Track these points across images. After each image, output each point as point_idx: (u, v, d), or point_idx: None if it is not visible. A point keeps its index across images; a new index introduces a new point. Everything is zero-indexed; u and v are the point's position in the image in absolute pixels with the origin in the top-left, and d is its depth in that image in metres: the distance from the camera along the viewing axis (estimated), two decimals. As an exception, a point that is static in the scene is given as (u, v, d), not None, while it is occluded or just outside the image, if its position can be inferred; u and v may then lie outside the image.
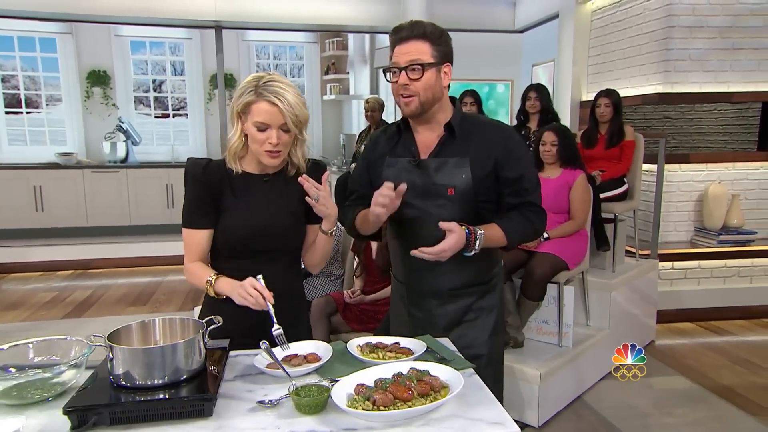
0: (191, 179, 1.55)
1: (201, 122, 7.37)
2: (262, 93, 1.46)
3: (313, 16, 6.23)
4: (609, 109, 3.86)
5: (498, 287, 1.77)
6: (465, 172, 1.60)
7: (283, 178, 1.60)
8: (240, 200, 1.53)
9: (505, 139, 1.65)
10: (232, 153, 1.53)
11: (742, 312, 4.44)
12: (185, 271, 1.58)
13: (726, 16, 4.28)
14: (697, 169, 4.46)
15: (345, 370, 1.33)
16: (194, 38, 7.09)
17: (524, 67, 6.76)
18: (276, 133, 1.46)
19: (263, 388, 1.26)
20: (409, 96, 1.58)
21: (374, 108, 5.22)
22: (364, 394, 1.15)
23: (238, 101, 1.49)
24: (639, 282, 3.84)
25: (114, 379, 1.16)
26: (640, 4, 4.58)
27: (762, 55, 4.37)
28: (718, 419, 2.97)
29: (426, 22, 1.60)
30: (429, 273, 1.68)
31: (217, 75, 6.43)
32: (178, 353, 1.15)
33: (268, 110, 1.45)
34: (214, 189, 1.52)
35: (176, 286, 5.66)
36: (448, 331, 1.69)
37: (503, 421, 1.10)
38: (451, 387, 1.19)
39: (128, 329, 1.28)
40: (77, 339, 1.27)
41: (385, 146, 1.73)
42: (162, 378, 1.15)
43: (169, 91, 7.38)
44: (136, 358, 1.13)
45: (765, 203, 4.56)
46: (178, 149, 7.27)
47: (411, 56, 1.56)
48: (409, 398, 1.13)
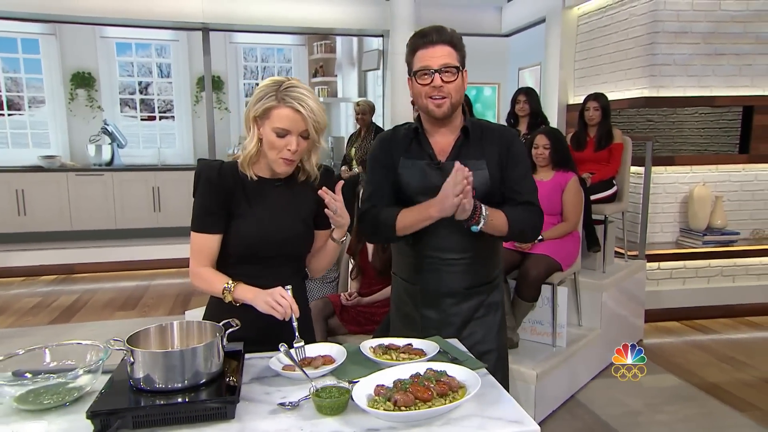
0: (205, 182, 1.51)
1: (188, 125, 7.31)
2: (284, 98, 1.44)
3: (301, 19, 6.23)
4: (598, 113, 3.94)
5: (500, 285, 1.83)
6: (483, 174, 1.65)
7: (293, 183, 1.59)
8: (253, 206, 1.52)
9: (509, 140, 1.72)
10: (247, 158, 1.51)
11: (726, 311, 4.55)
12: (193, 276, 1.53)
13: (708, 23, 4.39)
14: (682, 171, 4.56)
15: (361, 372, 1.34)
16: (181, 40, 7.04)
17: (511, 70, 6.84)
18: (296, 140, 1.45)
19: (280, 390, 1.27)
20: (442, 98, 1.61)
21: (365, 111, 5.24)
22: (385, 394, 1.16)
23: (257, 106, 1.47)
24: (628, 282, 3.91)
25: (134, 383, 1.15)
26: (625, 9, 4.67)
27: (743, 61, 4.49)
28: (708, 416, 3.03)
29: (447, 27, 1.65)
30: (445, 273, 1.70)
31: (205, 77, 6.38)
32: (199, 357, 1.16)
33: (290, 116, 1.44)
34: (228, 193, 1.50)
35: (164, 289, 5.61)
36: (461, 329, 1.72)
37: (521, 419, 1.12)
38: (468, 386, 1.21)
39: (146, 332, 1.28)
40: (93, 343, 1.26)
41: (398, 147, 1.74)
42: (182, 381, 1.15)
43: (155, 93, 7.31)
44: (158, 361, 1.13)
45: (746, 204, 4.68)
46: (165, 152, 7.20)
47: (444, 59, 1.60)
48: (429, 398, 1.15)
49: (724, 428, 2.91)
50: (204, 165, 1.53)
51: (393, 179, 1.73)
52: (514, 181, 1.68)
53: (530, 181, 1.72)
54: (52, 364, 1.24)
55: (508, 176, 1.68)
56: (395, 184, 1.72)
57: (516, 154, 1.70)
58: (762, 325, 4.45)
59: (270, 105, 1.45)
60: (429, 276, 1.73)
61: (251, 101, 1.49)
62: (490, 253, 1.76)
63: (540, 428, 1.09)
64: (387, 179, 1.73)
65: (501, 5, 6.71)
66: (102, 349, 1.24)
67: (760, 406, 3.15)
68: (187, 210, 1.59)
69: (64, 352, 1.26)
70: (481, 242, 1.69)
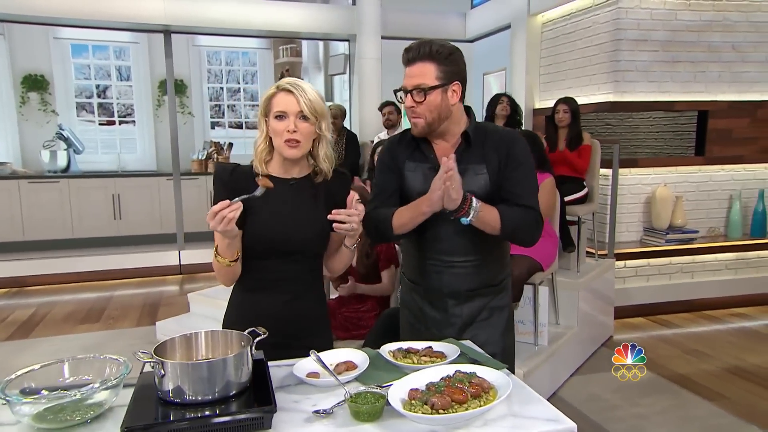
0: (218, 182, 1.57)
1: (149, 130, 7.09)
2: (279, 85, 1.54)
3: (267, 22, 6.15)
4: (567, 115, 4.09)
5: (508, 287, 1.83)
6: (483, 178, 1.66)
7: (309, 183, 1.62)
8: (265, 203, 1.53)
9: (510, 143, 1.70)
10: (258, 156, 1.58)
11: (686, 305, 4.76)
12: (216, 276, 1.60)
13: (666, 31, 4.60)
14: (644, 173, 4.75)
15: (385, 376, 1.34)
16: (141, 42, 6.83)
17: (475, 75, 6.96)
18: (293, 121, 1.50)
19: (309, 398, 1.25)
20: (415, 117, 1.66)
21: (336, 115, 5.22)
22: (421, 398, 1.16)
23: (262, 103, 1.56)
24: (599, 281, 4.04)
25: (162, 395, 1.11)
26: (589, 17, 4.84)
27: (697, 68, 4.72)
28: (681, 407, 3.17)
29: (435, 41, 1.64)
30: (447, 275, 1.72)
31: (167, 81, 6.20)
32: (230, 367, 1.13)
33: (284, 99, 1.51)
34: (240, 192, 1.48)
35: (128, 300, 5.41)
36: (463, 331, 1.74)
37: (557, 418, 1.15)
38: (498, 387, 1.23)
39: (172, 343, 1.24)
40: (110, 357, 1.21)
41: (403, 152, 1.77)
42: (213, 393, 1.11)
43: (114, 97, 7.05)
44: (191, 373, 1.09)
45: (703, 204, 4.92)
46: (125, 158, 6.96)
47: (415, 80, 1.62)
48: (465, 400, 1.15)
49: (698, 419, 3.05)
50: (219, 167, 1.60)
51: (399, 183, 1.76)
52: (513, 183, 1.67)
53: (530, 185, 1.70)
54: (68, 380, 1.18)
55: (507, 178, 1.67)
56: (401, 187, 1.75)
57: (516, 156, 1.68)
58: (718, 318, 4.68)
59: (270, 94, 1.55)
60: (432, 277, 1.75)
61: (261, 101, 1.59)
62: (495, 256, 1.76)
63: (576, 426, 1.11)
64: (392, 182, 1.77)
65: (465, 11, 6.82)
66: (122, 363, 1.18)
67: (727, 395, 3.31)
68: (150, 217, 1.59)
69: (78, 366, 1.20)
70: (486, 245, 1.71)
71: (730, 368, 3.69)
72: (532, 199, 1.68)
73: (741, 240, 4.87)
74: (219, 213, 1.36)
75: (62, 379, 1.17)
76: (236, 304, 1.65)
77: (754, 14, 4.76)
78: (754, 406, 3.17)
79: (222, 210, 1.36)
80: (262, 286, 1.60)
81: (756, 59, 4.82)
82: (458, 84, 1.65)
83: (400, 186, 1.75)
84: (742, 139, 4.88)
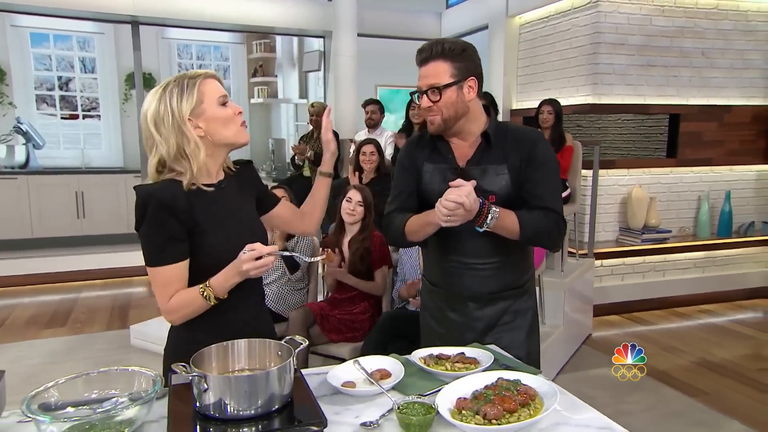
0: (159, 209, 1.31)
1: (116, 124, 6.81)
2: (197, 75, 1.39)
3: (240, 16, 5.99)
4: (551, 116, 4.15)
5: (532, 289, 1.81)
6: (504, 178, 1.64)
7: (229, 183, 1.48)
8: (214, 217, 1.39)
9: (532, 143, 1.66)
10: (203, 166, 1.37)
11: (659, 303, 4.91)
12: (168, 312, 1.35)
13: (642, 36, 4.72)
14: (620, 174, 4.86)
15: (423, 384, 1.30)
16: (107, 33, 6.54)
17: (450, 75, 6.98)
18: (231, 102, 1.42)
19: (349, 409, 1.20)
20: (432, 115, 1.63)
21: (319, 113, 5.13)
22: (472, 408, 1.13)
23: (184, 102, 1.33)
24: (581, 280, 4.11)
25: (201, 410, 1.04)
26: (568, 20, 4.91)
27: (670, 72, 4.86)
28: (665, 403, 3.25)
29: (447, 39, 1.64)
30: (468, 277, 1.69)
31: (135, 74, 5.96)
32: (274, 379, 1.06)
33: (216, 85, 1.40)
34: (185, 213, 1.33)
35: (95, 303, 5.18)
36: (485, 335, 1.71)
37: (610, 426, 1.13)
38: (541, 394, 1.21)
39: (208, 352, 1.17)
40: (138, 370, 1.12)
41: (421, 152, 1.74)
42: (256, 407, 1.05)
43: (78, 89, 6.73)
44: (235, 387, 1.02)
45: (674, 204, 5.08)
46: (90, 153, 6.66)
47: (429, 80, 1.60)
48: (515, 409, 1.12)
49: (682, 414, 3.13)
50: (149, 191, 1.33)
51: (417, 184, 1.74)
52: (533, 184, 1.63)
53: (553, 186, 1.66)
54: (93, 395, 1.08)
55: (528, 179, 1.63)
56: (420, 188, 1.73)
57: (538, 157, 1.64)
58: (688, 315, 4.85)
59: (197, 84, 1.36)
60: (452, 280, 1.72)
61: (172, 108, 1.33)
62: (518, 259, 1.74)
63: None
64: (410, 183, 1.75)
65: (441, 11, 6.83)
66: (152, 377, 1.10)
67: (705, 390, 3.42)
68: (116, 216, 1.44)
69: (105, 380, 1.11)
70: (507, 247, 1.69)
71: (703, 363, 3.82)
72: (555, 202, 1.64)
73: (709, 239, 5.05)
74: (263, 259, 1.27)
75: (88, 394, 1.08)
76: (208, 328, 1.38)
77: (722, 22, 4.93)
78: (732, 401, 3.28)
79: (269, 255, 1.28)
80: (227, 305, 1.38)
81: (723, 65, 5.00)
82: (474, 80, 1.63)
83: (419, 187, 1.73)
84: (710, 142, 5.06)
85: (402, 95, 6.82)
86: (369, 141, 4.05)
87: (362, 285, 3.00)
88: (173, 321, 1.38)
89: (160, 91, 1.35)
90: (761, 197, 5.35)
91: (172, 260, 1.33)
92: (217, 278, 1.33)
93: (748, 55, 5.05)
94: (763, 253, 5.25)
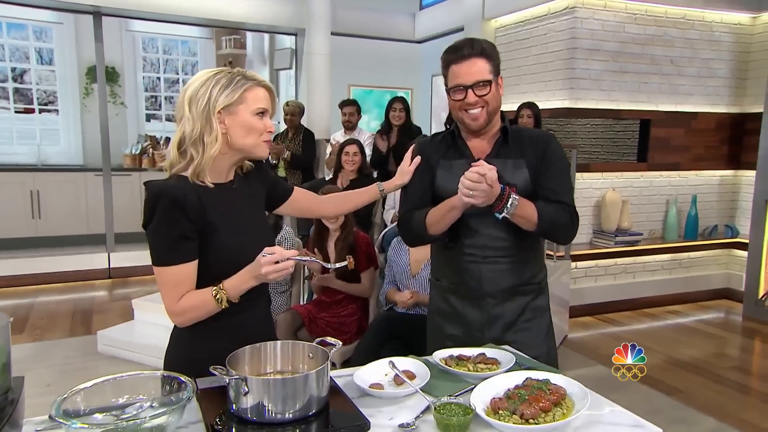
0: (170, 206, 1.30)
1: (75, 120, 6.55)
2: (254, 79, 1.41)
3: (209, 10, 5.88)
4: (531, 120, 4.26)
5: (546, 290, 1.85)
6: (523, 173, 1.69)
7: (242, 181, 1.49)
8: (223, 216, 1.39)
9: (545, 140, 1.75)
10: (209, 163, 1.36)
11: (629, 304, 5.09)
12: (176, 314, 1.34)
13: (615, 42, 4.88)
14: (595, 177, 5.01)
15: (450, 386, 1.31)
16: (66, 23, 6.29)
17: (424, 76, 7.05)
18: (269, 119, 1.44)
19: (381, 411, 1.19)
20: (479, 108, 1.66)
21: (294, 112, 5.08)
22: (508, 408, 1.14)
23: (225, 95, 1.34)
24: (559, 282, 4.21)
25: (238, 413, 1.02)
26: (544, 25, 5.04)
27: (641, 79, 5.05)
28: (645, 402, 3.37)
29: (480, 39, 1.71)
30: (486, 271, 1.71)
31: (97, 67, 5.75)
32: (312, 383, 1.05)
33: (267, 96, 1.41)
34: (196, 211, 1.33)
35: (54, 308, 4.98)
36: (505, 332, 1.72)
37: (641, 424, 1.17)
38: (570, 393, 1.24)
39: (243, 355, 1.15)
40: (166, 374, 1.08)
41: (435, 152, 1.77)
42: (294, 410, 1.03)
43: (33, 82, 6.43)
44: (276, 390, 1.01)
45: (645, 208, 5.27)
46: (47, 150, 6.39)
47: (475, 76, 1.64)
48: (549, 408, 1.15)
49: (661, 412, 3.25)
50: (160, 187, 1.32)
51: (431, 184, 1.76)
52: (548, 179, 1.70)
53: (566, 182, 1.74)
54: (120, 400, 1.05)
55: (543, 175, 1.70)
56: (434, 187, 1.75)
57: (551, 154, 1.72)
58: (657, 315, 5.05)
59: (246, 87, 1.37)
60: (470, 275, 1.73)
61: (210, 95, 1.35)
62: (534, 254, 1.78)
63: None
64: (424, 182, 1.77)
65: (414, 12, 6.89)
66: (184, 382, 1.06)
67: (680, 388, 3.57)
68: (75, 216, 1.42)
69: (133, 385, 1.07)
70: (525, 242, 1.71)
71: (674, 361, 3.98)
72: (568, 196, 1.71)
73: (676, 242, 5.27)
74: (283, 263, 1.27)
75: (115, 400, 1.04)
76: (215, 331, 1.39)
77: (689, 31, 5.16)
78: (705, 398, 3.43)
79: (288, 261, 1.28)
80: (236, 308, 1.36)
81: (690, 73, 5.23)
82: (501, 78, 1.71)
83: (433, 185, 1.75)
84: (678, 148, 5.28)
85: (375, 95, 6.83)
86: (352, 141, 4.05)
87: (349, 288, 3.00)
88: (181, 323, 1.37)
89: (211, 75, 1.37)
90: (723, 201, 5.61)
91: (182, 259, 1.32)
92: (231, 281, 1.32)
93: (713, 65, 5.30)
94: (725, 255, 5.51)
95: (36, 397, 3.23)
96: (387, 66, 6.79)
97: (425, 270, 2.83)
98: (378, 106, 6.29)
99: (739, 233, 5.45)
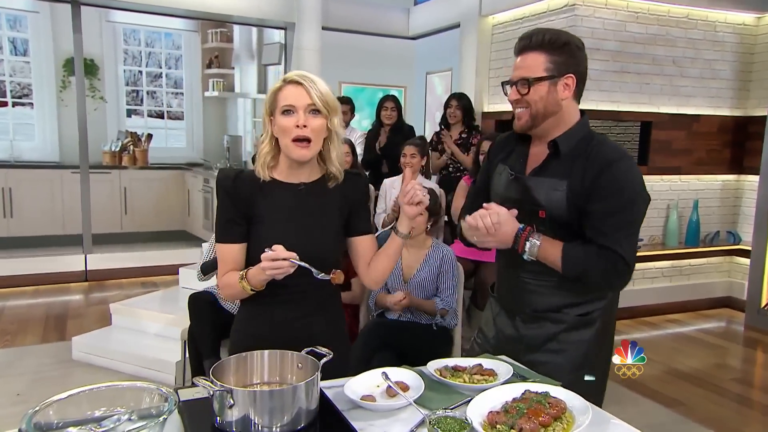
0: (221, 191, 1.53)
1: (52, 114, 6.47)
2: (286, 78, 1.49)
3: (194, 2, 5.84)
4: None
5: (596, 326, 1.67)
6: (560, 195, 1.54)
7: (321, 188, 1.56)
8: (274, 211, 1.51)
9: (602, 166, 1.52)
10: (261, 160, 1.52)
11: (628, 312, 5.10)
12: (219, 287, 1.57)
13: (616, 42, 4.91)
14: (593, 181, 5.03)
15: (444, 398, 1.30)
16: (42, 12, 6.22)
17: (417, 74, 7.05)
18: (303, 115, 1.44)
19: (372, 425, 1.18)
20: (522, 108, 1.58)
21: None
22: (506, 422, 1.13)
23: (268, 101, 1.50)
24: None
25: (222, 427, 1.00)
26: (543, 22, 5.05)
27: (643, 80, 5.08)
28: (645, 415, 3.38)
29: (550, 30, 1.59)
30: (516, 290, 1.69)
31: (75, 59, 5.69)
32: (301, 395, 1.04)
33: (293, 92, 1.45)
34: (245, 200, 1.51)
35: (27, 312, 4.92)
36: (528, 354, 1.65)
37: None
38: (570, 407, 1.23)
39: (228, 365, 1.14)
40: (146, 386, 1.06)
41: (500, 152, 1.77)
42: (282, 424, 1.02)
43: (6, 74, 6.35)
44: (263, 402, 0.99)
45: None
46: (20, 145, 6.31)
47: (521, 72, 1.58)
48: (548, 423, 1.14)
49: (662, 426, 3.27)
50: (221, 174, 1.56)
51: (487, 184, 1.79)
52: (596, 217, 1.50)
53: (619, 221, 1.50)
54: (97, 412, 1.02)
55: (590, 209, 1.51)
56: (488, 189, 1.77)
57: (607, 184, 1.49)
58: (656, 324, 5.08)
59: (275, 89, 1.49)
60: (503, 291, 1.77)
61: (266, 99, 1.53)
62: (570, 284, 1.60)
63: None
64: (482, 182, 1.81)
65: (408, 7, 6.90)
66: (164, 394, 1.04)
67: (681, 401, 3.58)
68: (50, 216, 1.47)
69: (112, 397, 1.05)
70: None
71: (675, 372, 4.00)
72: (617, 240, 1.49)
73: (676, 249, 5.30)
74: (281, 261, 1.35)
75: (91, 412, 1.02)
76: (246, 319, 1.62)
77: (692, 31, 5.20)
78: (708, 411, 3.44)
79: (286, 259, 1.36)
80: (271, 300, 1.53)
81: (692, 74, 5.27)
82: (572, 77, 1.56)
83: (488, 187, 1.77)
84: (679, 151, 5.32)
85: (367, 93, 6.83)
86: (343, 141, 4.03)
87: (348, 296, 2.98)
88: (224, 297, 1.66)
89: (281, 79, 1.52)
90: (725, 207, 5.65)
91: (229, 240, 1.51)
92: (251, 270, 1.45)
93: (716, 66, 5.35)
94: (727, 262, 5.55)
95: (6, 408, 3.19)
96: (380, 63, 6.78)
97: (418, 275, 2.82)
98: (370, 105, 6.28)
99: (741, 240, 5.50)
